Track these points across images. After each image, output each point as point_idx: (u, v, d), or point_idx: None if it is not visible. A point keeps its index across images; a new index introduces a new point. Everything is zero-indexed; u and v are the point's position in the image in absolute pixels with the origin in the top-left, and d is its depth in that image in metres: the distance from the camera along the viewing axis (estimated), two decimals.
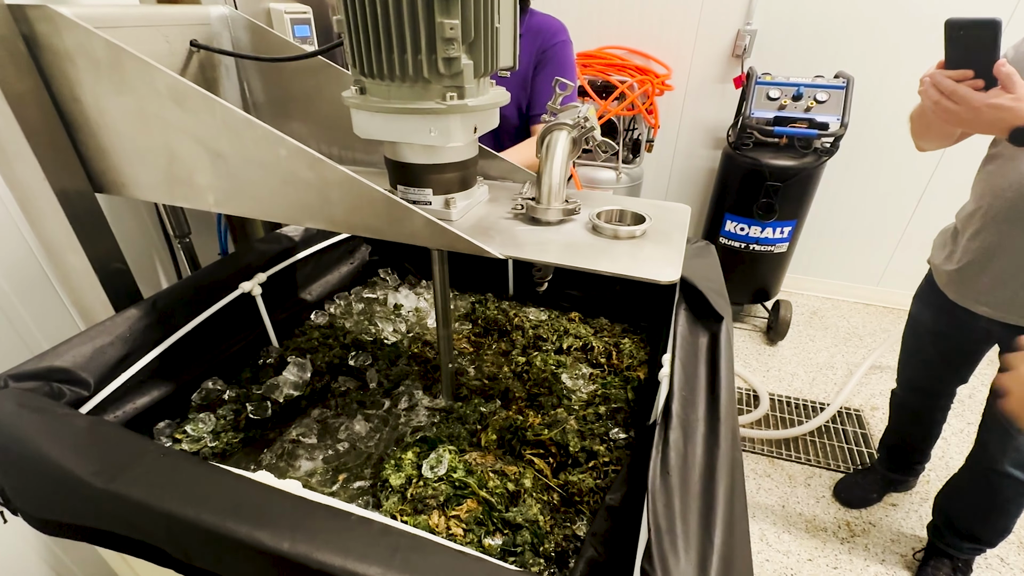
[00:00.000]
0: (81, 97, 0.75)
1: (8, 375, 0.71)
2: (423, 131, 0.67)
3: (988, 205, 1.11)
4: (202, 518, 0.54)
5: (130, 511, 0.58)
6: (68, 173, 0.81)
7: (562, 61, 1.41)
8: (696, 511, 0.58)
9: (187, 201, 0.80)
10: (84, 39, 0.69)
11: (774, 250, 2.55)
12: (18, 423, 0.64)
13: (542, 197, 0.76)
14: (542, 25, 1.40)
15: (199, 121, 0.70)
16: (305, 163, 0.68)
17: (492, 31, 0.66)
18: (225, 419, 0.90)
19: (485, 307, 1.25)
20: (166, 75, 0.68)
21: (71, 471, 0.59)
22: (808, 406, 2.34)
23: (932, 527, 1.60)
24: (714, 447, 0.64)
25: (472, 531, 0.74)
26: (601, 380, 1.03)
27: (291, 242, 1.15)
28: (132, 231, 1.16)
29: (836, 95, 2.23)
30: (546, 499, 0.80)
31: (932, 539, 1.60)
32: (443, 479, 0.78)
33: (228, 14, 0.96)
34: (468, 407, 0.95)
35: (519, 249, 0.70)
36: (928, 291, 1.41)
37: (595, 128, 0.77)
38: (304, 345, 1.07)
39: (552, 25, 1.41)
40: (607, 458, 0.85)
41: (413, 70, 0.63)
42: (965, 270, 1.21)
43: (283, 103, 1.02)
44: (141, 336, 0.86)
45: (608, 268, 0.65)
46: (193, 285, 0.97)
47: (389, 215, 0.68)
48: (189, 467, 0.60)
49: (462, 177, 0.77)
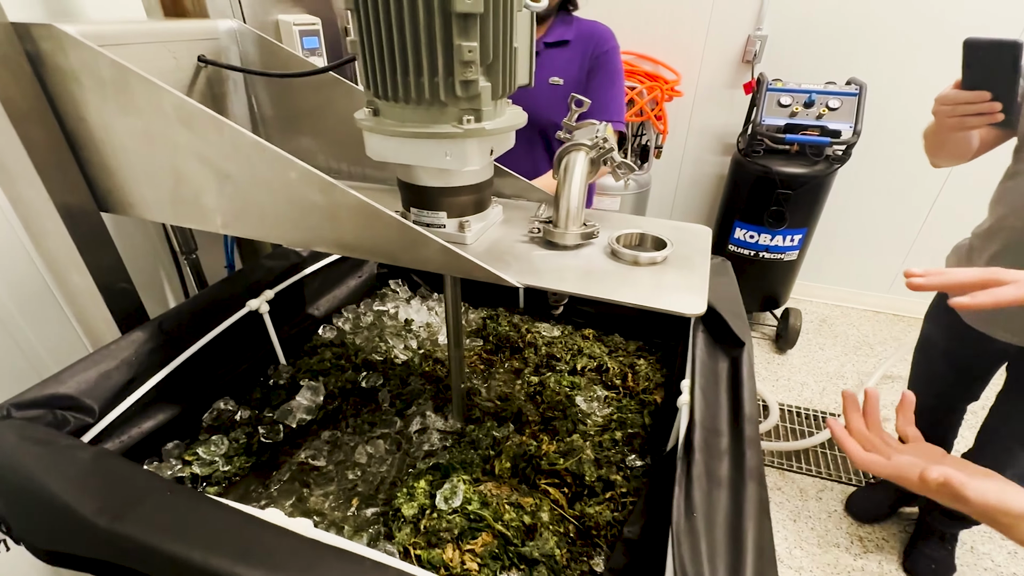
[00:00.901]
0: (87, 116, 0.73)
1: (11, 403, 0.70)
2: (438, 155, 0.65)
3: (1011, 226, 1.08)
4: (210, 563, 0.52)
5: (135, 551, 0.56)
6: (72, 192, 0.79)
7: (613, 68, 1.40)
8: (724, 557, 0.55)
9: (193, 222, 0.78)
10: (89, 58, 0.67)
11: (784, 258, 2.52)
12: (21, 456, 0.62)
13: (559, 221, 0.74)
14: (592, 31, 1.39)
15: (207, 142, 0.68)
16: (316, 187, 0.65)
17: (510, 52, 0.64)
18: (238, 442, 0.88)
19: (497, 323, 1.22)
20: (173, 96, 0.66)
21: (74, 508, 0.57)
22: (819, 416, 2.31)
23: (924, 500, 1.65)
24: (741, 486, 0.62)
25: (487, 566, 0.72)
26: (616, 403, 1.00)
27: (299, 257, 1.13)
28: (138, 247, 1.14)
29: (848, 102, 2.20)
30: (562, 531, 0.78)
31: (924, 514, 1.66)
32: (458, 511, 0.75)
33: (236, 28, 0.93)
34: (481, 431, 0.93)
35: (537, 277, 0.67)
36: (940, 311, 1.38)
37: (613, 148, 0.75)
38: (316, 367, 1.04)
39: (602, 31, 1.40)
40: (624, 488, 0.82)
41: (430, 93, 0.61)
42: None
43: (292, 118, 1.00)
44: (147, 359, 0.84)
45: (631, 299, 0.63)
46: (200, 305, 0.95)
47: (403, 241, 0.66)
48: (197, 506, 0.58)
49: (477, 200, 0.75)
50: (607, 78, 1.39)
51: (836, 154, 2.29)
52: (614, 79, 1.40)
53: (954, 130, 1.03)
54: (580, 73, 1.38)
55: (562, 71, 1.38)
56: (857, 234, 2.88)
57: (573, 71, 1.38)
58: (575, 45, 1.38)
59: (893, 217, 2.78)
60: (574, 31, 1.38)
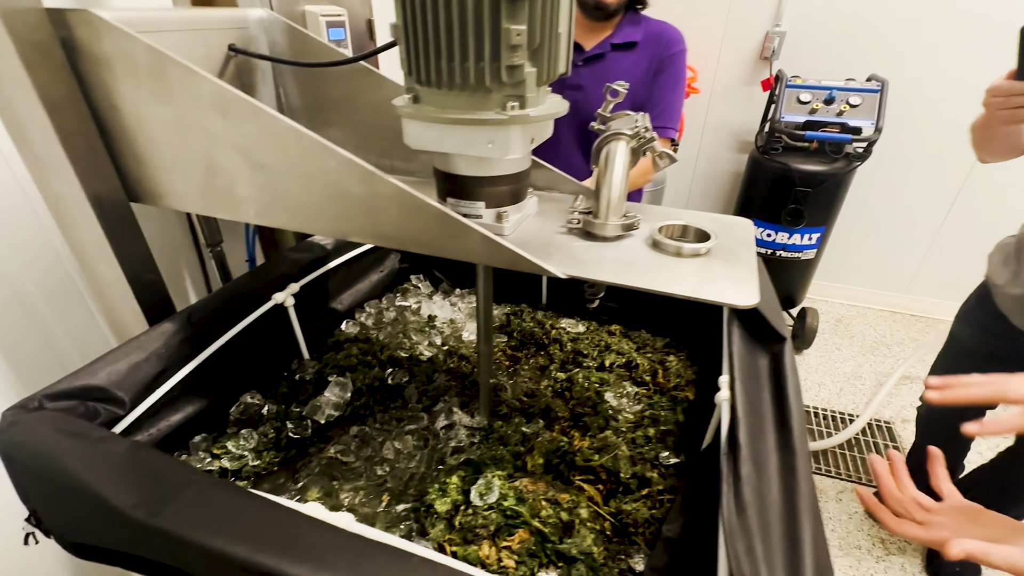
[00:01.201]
0: (119, 104, 0.72)
1: (43, 395, 0.69)
2: (480, 143, 0.63)
3: None
4: (255, 558, 0.50)
5: (173, 545, 0.55)
6: (103, 182, 0.78)
7: (677, 73, 1.34)
8: (781, 556, 0.53)
9: (225, 213, 0.76)
10: (125, 44, 0.66)
11: (801, 257, 2.49)
12: (55, 449, 0.61)
13: (600, 211, 0.72)
14: (661, 32, 1.33)
15: (242, 131, 0.67)
16: (355, 176, 0.64)
17: (555, 37, 0.62)
18: (266, 437, 0.87)
19: (521, 319, 1.21)
20: (210, 82, 0.64)
21: (111, 503, 0.56)
22: (836, 417, 2.28)
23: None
24: (792, 484, 0.60)
25: (524, 563, 0.70)
26: (647, 400, 0.98)
27: (323, 251, 1.12)
28: (161, 239, 1.13)
29: (870, 99, 2.17)
30: (598, 528, 0.76)
31: None
32: (493, 507, 0.74)
33: (266, 17, 0.92)
34: (509, 427, 0.91)
35: (579, 267, 0.66)
36: (978, 310, 1.33)
37: (655, 138, 0.73)
38: (343, 362, 1.03)
39: (672, 33, 1.34)
40: (661, 486, 0.81)
41: (475, 78, 0.59)
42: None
43: (320, 108, 0.99)
44: (176, 351, 0.83)
45: (679, 291, 0.61)
46: (226, 297, 0.93)
47: (443, 231, 0.64)
48: (236, 500, 0.56)
49: (515, 190, 0.73)
50: (669, 82, 1.33)
51: (856, 151, 2.27)
52: (676, 85, 1.34)
53: (1007, 123, 0.98)
54: (646, 76, 1.32)
55: (628, 74, 1.31)
56: (875, 233, 2.85)
57: (639, 74, 1.32)
58: (643, 47, 1.32)
59: (912, 216, 2.74)
60: (642, 32, 1.32)
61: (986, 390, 0.64)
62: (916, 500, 0.65)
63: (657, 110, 1.34)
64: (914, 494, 0.66)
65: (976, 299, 1.35)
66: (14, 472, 0.66)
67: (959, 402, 0.65)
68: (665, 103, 1.35)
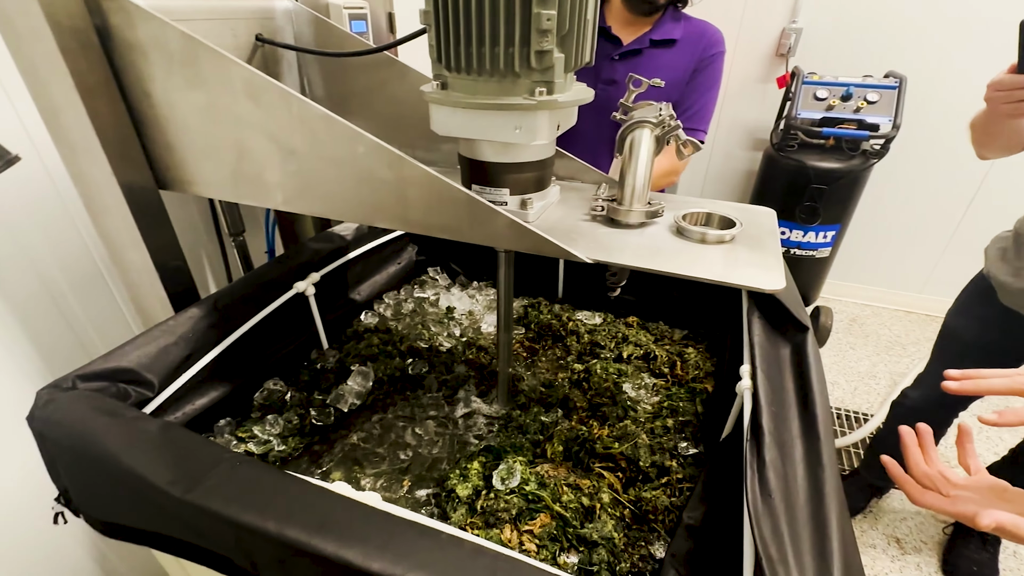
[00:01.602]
0: (151, 91, 0.74)
1: (76, 375, 0.70)
2: (508, 128, 0.64)
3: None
4: (286, 533, 0.51)
5: (205, 521, 0.56)
6: (134, 169, 0.79)
7: (714, 74, 1.32)
8: (808, 540, 0.53)
9: (254, 199, 0.78)
10: (159, 31, 0.68)
11: (816, 255, 2.48)
12: (91, 427, 0.62)
13: (624, 199, 0.72)
14: (703, 32, 1.31)
15: (273, 117, 0.68)
16: (384, 161, 0.65)
17: (583, 23, 0.63)
18: (290, 423, 0.88)
19: (539, 311, 1.21)
20: (243, 68, 0.65)
21: (147, 479, 0.57)
22: (851, 416, 2.27)
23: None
24: (818, 469, 0.60)
25: (546, 547, 0.70)
26: (666, 391, 0.98)
27: (343, 241, 1.13)
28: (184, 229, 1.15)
29: (888, 95, 2.16)
30: (618, 514, 0.77)
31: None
32: (515, 492, 0.74)
33: (292, 8, 0.93)
34: (528, 416, 0.92)
35: (605, 252, 0.66)
36: (976, 304, 1.33)
37: (679, 126, 0.74)
38: (364, 352, 1.04)
39: (712, 33, 1.32)
40: (680, 475, 0.81)
41: (504, 63, 0.60)
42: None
43: (343, 99, 1.00)
44: (203, 336, 0.84)
45: (705, 275, 0.62)
46: (251, 284, 0.95)
47: (471, 216, 0.65)
48: (268, 478, 0.57)
49: (539, 177, 0.74)
50: (705, 84, 1.31)
51: (873, 148, 2.25)
52: (711, 86, 1.32)
53: (1009, 117, 0.99)
54: (684, 75, 1.30)
55: (665, 72, 1.28)
56: (891, 232, 2.82)
57: (678, 73, 1.29)
58: (682, 45, 1.29)
59: (928, 215, 2.72)
60: (683, 30, 1.29)
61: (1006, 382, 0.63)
62: (943, 474, 0.65)
63: (690, 111, 1.32)
64: (941, 468, 0.66)
65: (976, 294, 1.34)
66: (47, 450, 0.67)
67: (979, 393, 0.65)
68: (699, 104, 1.32)
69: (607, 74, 1.31)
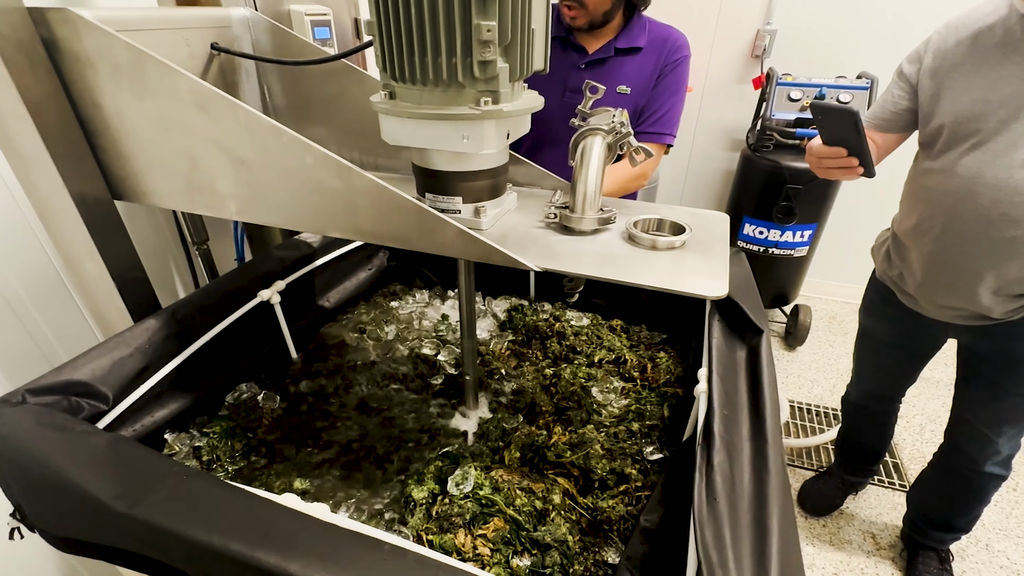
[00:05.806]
0: (101, 103, 0.73)
1: (26, 389, 0.69)
2: (455, 137, 0.64)
3: (943, 225, 1.09)
4: (229, 547, 0.51)
5: (153, 535, 0.56)
6: (87, 180, 0.79)
7: (680, 78, 1.33)
8: (748, 543, 0.54)
9: (208, 209, 0.77)
10: (105, 43, 0.67)
11: (794, 254, 2.50)
12: (38, 442, 0.62)
13: (576, 206, 0.73)
14: (667, 37, 1.31)
15: (222, 127, 0.68)
16: (332, 171, 0.65)
17: (528, 33, 0.63)
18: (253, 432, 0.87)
19: (523, 313, 1.21)
20: (189, 80, 0.65)
21: (92, 494, 0.57)
22: (828, 413, 2.29)
23: (908, 520, 1.64)
24: (763, 472, 0.61)
25: (499, 551, 0.71)
26: (635, 395, 0.99)
27: (310, 248, 1.13)
28: (149, 237, 1.14)
29: (860, 96, 2.18)
30: (573, 518, 0.77)
31: (910, 532, 1.64)
32: (469, 496, 0.75)
33: (249, 16, 0.93)
34: (491, 423, 0.92)
35: (554, 261, 0.67)
36: (879, 304, 1.39)
37: (630, 133, 0.74)
38: (335, 360, 1.04)
39: (677, 38, 1.32)
40: (640, 482, 0.81)
41: (447, 74, 0.60)
42: (928, 286, 1.18)
43: (304, 107, 0.99)
44: (160, 347, 0.83)
45: (650, 282, 0.62)
46: (211, 293, 0.94)
47: (420, 225, 0.65)
48: (214, 491, 0.57)
49: (493, 185, 0.74)
50: (671, 88, 1.31)
51: None
52: (677, 90, 1.33)
53: (827, 177, 1.13)
54: (650, 80, 1.30)
55: (631, 79, 1.29)
56: (867, 230, 2.83)
57: (643, 79, 1.30)
58: (647, 51, 1.29)
59: None
60: (647, 36, 1.30)
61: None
62: None
63: (657, 116, 1.33)
64: None
65: (873, 293, 1.42)
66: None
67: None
68: (665, 108, 1.33)
69: (574, 83, 1.31)
